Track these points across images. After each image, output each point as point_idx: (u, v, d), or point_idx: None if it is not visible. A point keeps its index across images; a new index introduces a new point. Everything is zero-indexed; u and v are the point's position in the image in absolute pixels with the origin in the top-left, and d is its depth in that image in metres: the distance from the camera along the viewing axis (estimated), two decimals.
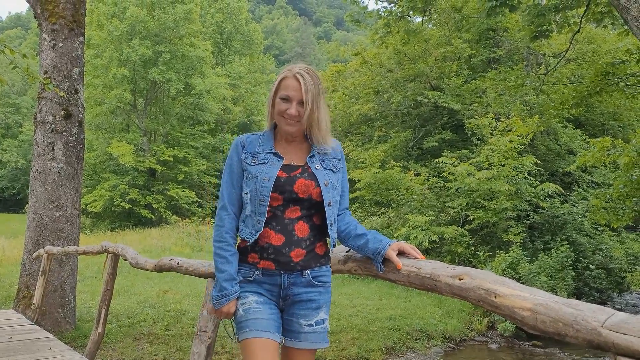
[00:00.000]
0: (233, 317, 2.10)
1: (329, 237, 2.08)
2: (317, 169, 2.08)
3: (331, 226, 2.07)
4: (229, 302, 2.05)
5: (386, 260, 1.87)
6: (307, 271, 2.05)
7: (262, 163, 2.08)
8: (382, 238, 1.94)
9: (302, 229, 2.05)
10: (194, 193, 32.83)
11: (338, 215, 2.14)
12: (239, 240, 2.14)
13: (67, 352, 4.86)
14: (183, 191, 31.95)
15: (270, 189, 2.01)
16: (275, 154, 2.10)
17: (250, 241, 2.03)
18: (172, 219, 29.31)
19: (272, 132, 2.18)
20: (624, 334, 1.11)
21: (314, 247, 2.07)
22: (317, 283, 2.07)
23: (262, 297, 2.06)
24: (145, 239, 20.42)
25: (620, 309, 11.69)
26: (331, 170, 2.12)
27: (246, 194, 2.08)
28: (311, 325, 2.06)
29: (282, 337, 2.07)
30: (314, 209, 2.06)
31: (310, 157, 2.11)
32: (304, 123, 2.06)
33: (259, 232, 2.02)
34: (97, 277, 11.59)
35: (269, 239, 2.03)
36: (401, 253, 1.86)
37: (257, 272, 2.06)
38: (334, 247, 2.11)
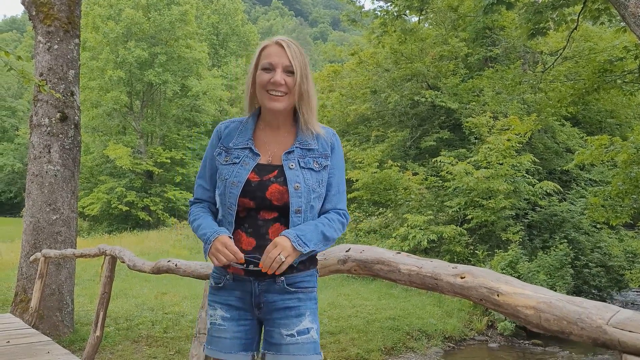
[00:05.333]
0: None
1: None
2: (290, 168, 1.79)
3: None
4: (212, 243, 1.75)
5: None
6: (282, 278, 1.80)
7: (233, 163, 1.83)
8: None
9: (277, 232, 1.78)
10: (192, 195, 32.74)
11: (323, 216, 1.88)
12: None
13: (65, 355, 4.82)
14: (180, 193, 31.94)
15: (237, 196, 1.77)
16: (250, 149, 1.84)
17: None
18: (169, 221, 29.30)
19: (254, 119, 1.91)
20: (630, 331, 1.09)
21: None
22: (294, 289, 1.82)
23: (231, 310, 1.85)
24: (143, 242, 20.39)
25: (620, 307, 11.71)
26: (311, 169, 1.82)
27: (217, 196, 1.87)
28: (292, 335, 1.79)
29: (255, 353, 1.89)
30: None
31: (288, 153, 1.82)
32: (293, 96, 1.81)
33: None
34: (94, 280, 11.54)
35: (239, 243, 1.80)
36: None
37: (227, 277, 1.85)
38: (300, 260, 1.78)
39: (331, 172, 1.87)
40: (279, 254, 1.67)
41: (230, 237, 1.77)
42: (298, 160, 1.81)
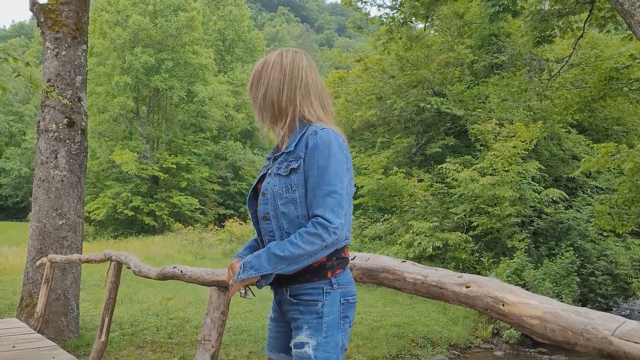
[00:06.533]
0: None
1: None
2: (268, 175, 1.86)
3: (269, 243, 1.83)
4: (232, 260, 1.95)
5: None
6: (287, 288, 1.84)
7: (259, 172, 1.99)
8: (245, 261, 1.80)
9: None
10: (197, 200, 32.88)
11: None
12: None
13: None
14: (186, 198, 32.00)
15: (246, 204, 1.95)
16: (269, 158, 1.95)
17: None
18: (175, 226, 29.33)
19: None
20: (635, 342, 1.09)
21: None
22: (295, 301, 1.83)
23: (274, 312, 2.01)
24: (148, 247, 20.41)
25: (626, 315, 11.63)
26: (279, 174, 1.79)
27: None
28: (291, 347, 1.84)
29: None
30: None
31: (274, 159, 1.87)
32: (260, 108, 1.90)
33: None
34: (99, 285, 11.56)
35: None
36: None
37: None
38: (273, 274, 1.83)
39: (306, 174, 1.76)
40: (230, 279, 1.84)
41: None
42: (276, 167, 1.82)
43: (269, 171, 1.86)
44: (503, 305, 1.40)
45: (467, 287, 1.53)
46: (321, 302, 1.80)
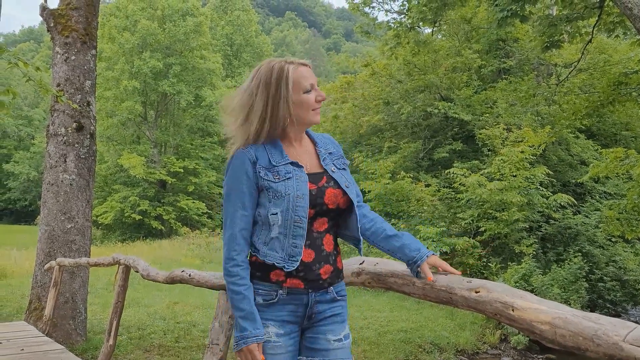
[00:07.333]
0: None
1: (359, 242, 1.92)
2: (333, 172, 1.90)
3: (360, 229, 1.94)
4: (247, 345, 1.78)
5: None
6: (332, 288, 1.90)
7: (287, 178, 1.81)
8: (419, 246, 1.78)
9: (329, 243, 1.90)
10: (204, 204, 32.96)
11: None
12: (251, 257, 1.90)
13: None
14: (193, 202, 32.08)
15: (306, 208, 1.80)
16: (292, 163, 1.85)
17: (289, 268, 1.79)
18: (182, 230, 29.41)
19: (273, 141, 1.89)
20: None
21: (337, 262, 1.93)
22: (339, 297, 1.94)
23: (284, 325, 1.86)
24: (155, 250, 20.48)
25: (635, 322, 11.54)
26: (343, 169, 1.96)
27: (274, 214, 1.80)
28: (340, 340, 1.91)
29: None
30: (338, 217, 1.92)
31: (323, 160, 1.93)
32: None
33: (299, 258, 1.80)
34: (107, 288, 11.60)
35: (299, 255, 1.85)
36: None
37: (281, 292, 1.84)
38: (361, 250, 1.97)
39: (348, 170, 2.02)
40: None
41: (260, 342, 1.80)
42: (333, 164, 1.94)
43: (329, 169, 1.91)
44: (513, 310, 1.40)
45: (476, 292, 1.53)
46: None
